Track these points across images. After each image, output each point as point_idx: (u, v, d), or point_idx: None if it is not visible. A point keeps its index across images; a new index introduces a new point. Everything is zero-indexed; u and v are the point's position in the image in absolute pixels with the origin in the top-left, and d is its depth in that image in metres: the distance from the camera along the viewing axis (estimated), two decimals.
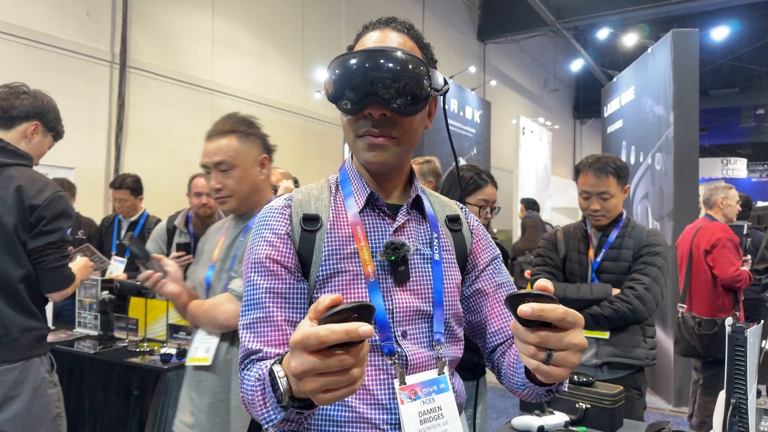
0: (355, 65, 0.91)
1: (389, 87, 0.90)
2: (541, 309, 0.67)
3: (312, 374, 0.64)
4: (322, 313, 0.65)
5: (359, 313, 0.65)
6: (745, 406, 1.32)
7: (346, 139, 1.02)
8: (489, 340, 1.09)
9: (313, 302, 0.95)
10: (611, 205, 2.28)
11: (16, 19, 4.85)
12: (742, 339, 1.31)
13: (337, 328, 0.62)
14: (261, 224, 1.01)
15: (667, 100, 4.82)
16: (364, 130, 0.96)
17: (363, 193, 1.02)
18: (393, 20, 1.02)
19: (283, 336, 0.93)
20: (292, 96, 7.92)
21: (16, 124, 2.06)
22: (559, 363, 0.71)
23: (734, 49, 13.94)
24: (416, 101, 0.93)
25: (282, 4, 7.74)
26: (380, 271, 0.97)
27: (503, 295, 1.10)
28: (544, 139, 11.46)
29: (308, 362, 0.63)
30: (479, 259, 1.12)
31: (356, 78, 0.91)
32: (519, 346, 0.74)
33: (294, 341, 0.64)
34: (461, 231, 1.12)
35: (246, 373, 0.91)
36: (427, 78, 0.94)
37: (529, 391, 0.95)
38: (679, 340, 3.69)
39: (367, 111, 0.93)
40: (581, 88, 18.49)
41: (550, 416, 1.77)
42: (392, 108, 0.92)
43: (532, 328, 0.70)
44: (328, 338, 0.62)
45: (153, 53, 6.08)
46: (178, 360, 2.76)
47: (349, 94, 0.92)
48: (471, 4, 12.44)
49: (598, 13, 10.58)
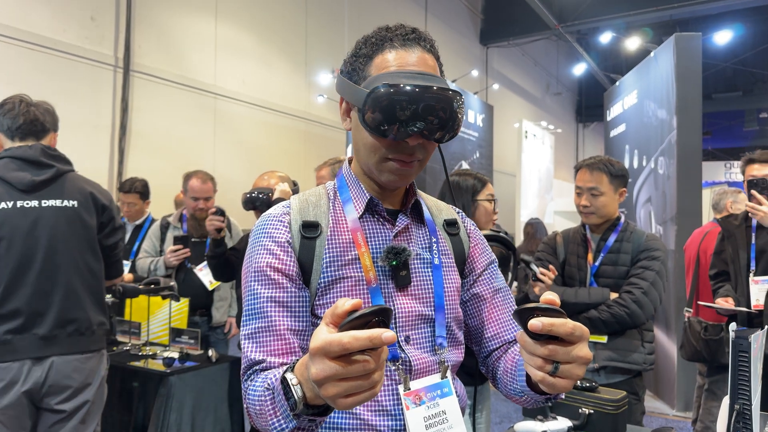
0: (407, 99, 0.88)
1: (437, 124, 0.91)
2: (552, 324, 0.69)
3: (333, 380, 0.64)
4: (340, 318, 0.65)
5: (378, 317, 0.65)
6: (749, 412, 1.31)
7: (365, 155, 0.98)
8: (485, 345, 1.10)
9: (315, 310, 0.95)
10: (600, 203, 2.29)
11: (20, 23, 4.87)
12: (746, 345, 1.30)
13: (360, 335, 0.62)
14: (260, 232, 0.99)
15: (670, 103, 4.81)
16: (395, 156, 0.94)
17: (362, 198, 1.01)
18: (419, 36, 0.97)
19: (287, 345, 0.93)
20: (294, 99, 7.93)
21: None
22: (564, 375, 0.73)
23: (737, 53, 13.91)
24: (454, 133, 0.95)
25: (284, 9, 7.76)
26: (381, 277, 0.97)
27: (500, 301, 1.11)
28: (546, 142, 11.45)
29: (330, 368, 0.63)
30: (477, 264, 1.12)
31: (406, 111, 0.89)
32: (526, 357, 0.75)
33: (315, 347, 0.64)
34: (459, 235, 1.12)
35: (250, 384, 0.90)
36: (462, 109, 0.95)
37: (527, 398, 0.96)
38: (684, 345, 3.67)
39: (407, 140, 0.92)
40: (584, 91, 18.47)
41: (553, 421, 1.77)
42: (433, 139, 0.93)
43: (540, 342, 0.72)
44: (351, 345, 0.62)
45: (156, 57, 6.10)
46: (180, 364, 2.76)
47: (391, 123, 0.90)
48: (473, 7, 12.45)
49: (600, 16, 10.57)
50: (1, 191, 1.98)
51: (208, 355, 2.89)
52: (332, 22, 8.57)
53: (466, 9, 12.23)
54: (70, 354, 2.03)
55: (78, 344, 2.06)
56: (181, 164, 6.27)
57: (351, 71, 0.98)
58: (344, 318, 0.65)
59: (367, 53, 0.97)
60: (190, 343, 3.02)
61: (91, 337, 2.10)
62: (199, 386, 2.74)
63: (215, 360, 2.86)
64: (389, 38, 0.96)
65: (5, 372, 1.94)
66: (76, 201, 2.09)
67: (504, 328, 1.09)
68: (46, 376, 1.99)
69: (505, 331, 1.09)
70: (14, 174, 2.00)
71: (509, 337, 1.09)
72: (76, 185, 2.12)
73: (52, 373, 1.99)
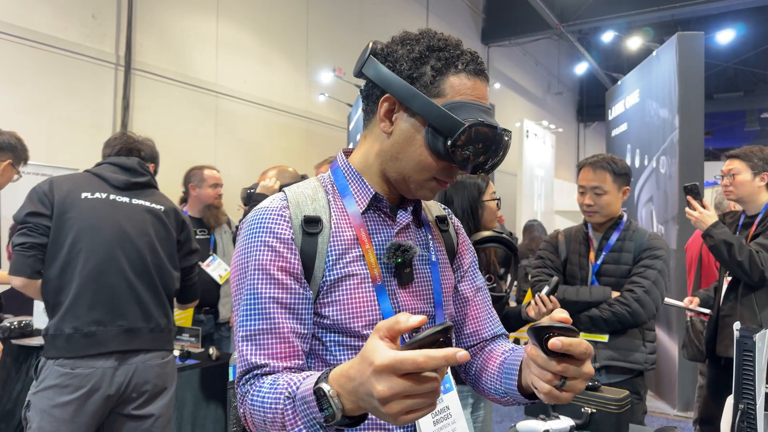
0: (497, 141, 0.93)
1: (498, 161, 0.96)
2: (570, 344, 0.74)
3: (400, 397, 0.64)
4: (399, 333, 0.66)
5: (446, 335, 0.65)
6: (754, 411, 1.31)
7: (410, 170, 0.96)
8: (463, 341, 1.13)
9: (318, 309, 0.94)
10: (604, 202, 2.28)
11: (22, 21, 4.86)
12: (750, 343, 1.29)
13: (435, 355, 0.62)
14: (258, 226, 0.94)
15: (672, 103, 4.80)
16: (443, 177, 0.96)
17: (365, 194, 0.99)
18: (483, 66, 0.98)
19: (291, 349, 0.90)
20: (296, 98, 7.92)
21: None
22: (569, 389, 0.78)
23: (739, 53, 13.89)
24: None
25: (286, 7, 7.75)
26: (384, 274, 0.97)
27: (480, 299, 1.15)
28: (547, 142, 11.44)
29: (399, 386, 0.63)
30: (464, 260, 1.15)
31: (492, 150, 0.93)
32: (536, 371, 0.79)
33: (383, 365, 0.63)
34: (449, 231, 1.14)
35: (250, 388, 0.87)
36: None
37: (510, 399, 0.99)
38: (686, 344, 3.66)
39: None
40: (585, 91, 18.46)
41: (555, 421, 1.76)
42: (484, 170, 0.96)
43: (555, 358, 0.76)
44: (426, 364, 0.62)
45: (158, 56, 6.10)
46: (181, 362, 2.76)
47: (474, 155, 0.92)
48: (475, 7, 12.45)
49: (602, 16, 10.56)
50: (98, 184, 2.09)
51: (208, 353, 2.88)
52: (334, 21, 8.56)
53: (468, 8, 12.22)
54: (152, 351, 2.04)
55: (158, 341, 2.07)
56: (183, 163, 6.25)
57: (414, 77, 0.92)
58: (403, 333, 0.66)
59: (438, 67, 0.92)
60: (191, 341, 3.02)
61: (168, 336, 2.13)
62: (199, 384, 2.74)
63: (216, 358, 2.86)
64: (459, 57, 0.94)
65: (88, 378, 1.90)
66: (163, 207, 2.19)
67: (482, 326, 1.13)
68: (130, 380, 1.98)
69: (483, 329, 1.13)
70: (111, 174, 2.13)
71: (486, 335, 1.13)
72: (164, 198, 2.25)
73: (135, 377, 1.99)
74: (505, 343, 1.11)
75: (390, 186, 1.00)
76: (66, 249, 1.95)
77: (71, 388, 1.88)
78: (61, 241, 1.95)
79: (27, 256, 1.91)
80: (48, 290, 1.95)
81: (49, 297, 1.95)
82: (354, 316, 0.93)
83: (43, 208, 1.96)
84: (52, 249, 1.95)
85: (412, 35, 0.96)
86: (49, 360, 1.91)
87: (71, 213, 1.98)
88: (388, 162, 0.97)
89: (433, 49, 0.93)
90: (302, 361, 0.92)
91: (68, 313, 1.91)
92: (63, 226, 1.96)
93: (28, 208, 1.97)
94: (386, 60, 0.95)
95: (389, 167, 0.97)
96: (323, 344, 0.94)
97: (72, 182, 2.06)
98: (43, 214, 1.96)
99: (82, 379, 1.89)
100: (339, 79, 8.39)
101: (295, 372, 0.89)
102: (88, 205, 2.01)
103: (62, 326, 1.91)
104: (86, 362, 1.90)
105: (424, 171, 0.94)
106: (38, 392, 1.90)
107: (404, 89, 0.92)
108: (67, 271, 1.94)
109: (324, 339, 0.94)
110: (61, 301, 1.93)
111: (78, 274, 1.94)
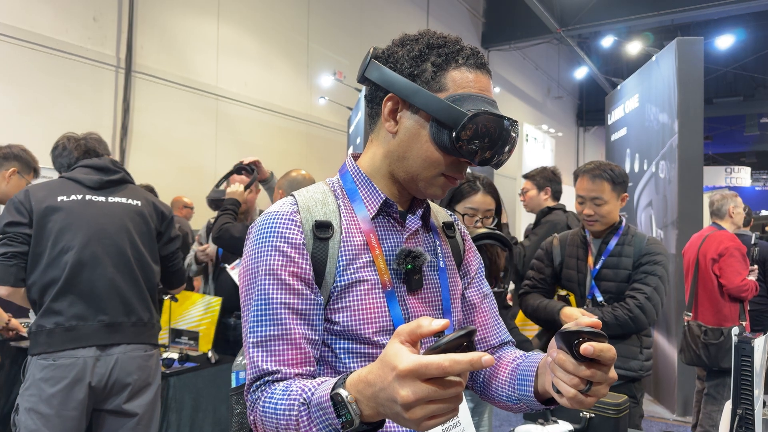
0: (505, 130, 0.92)
1: (506, 154, 0.95)
2: (601, 350, 0.73)
3: (424, 402, 0.63)
4: (420, 337, 0.65)
5: (469, 339, 0.64)
6: (752, 416, 1.31)
7: (418, 167, 0.95)
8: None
9: (328, 315, 0.93)
10: (605, 211, 2.27)
11: (23, 23, 4.87)
12: (749, 349, 1.30)
13: (460, 359, 0.61)
14: (269, 231, 0.93)
15: (672, 108, 4.81)
16: (452, 173, 0.95)
17: (375, 199, 0.99)
18: (484, 60, 0.97)
19: (303, 355, 0.89)
20: (296, 101, 7.93)
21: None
22: (593, 394, 0.77)
23: (738, 58, 13.92)
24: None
25: (287, 11, 7.76)
26: (394, 279, 0.96)
27: (487, 306, 1.14)
28: (547, 146, 11.46)
29: (423, 390, 0.62)
30: (471, 267, 1.14)
31: (501, 140, 0.92)
32: (562, 375, 0.78)
33: (407, 369, 0.62)
34: (455, 237, 1.13)
35: (261, 395, 0.87)
36: None
37: (523, 405, 0.98)
38: (684, 349, 3.67)
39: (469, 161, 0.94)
40: (585, 95, 18.48)
41: (554, 425, 1.76)
42: (492, 164, 0.95)
43: (585, 363, 0.76)
44: (452, 369, 0.61)
45: (158, 58, 6.11)
46: (180, 365, 2.76)
47: (480, 148, 0.90)
48: (475, 11, 12.47)
49: (602, 21, 10.58)
50: (73, 187, 2.13)
51: (207, 356, 2.88)
52: (334, 25, 8.58)
53: (468, 12, 12.24)
54: (133, 344, 2.07)
55: (141, 335, 2.10)
56: (182, 165, 6.28)
57: (415, 74, 0.93)
58: (425, 338, 0.65)
59: (438, 62, 0.93)
60: (190, 344, 3.02)
61: (151, 330, 2.16)
62: (198, 387, 2.74)
63: (215, 361, 2.85)
64: (459, 52, 0.94)
65: (70, 369, 1.94)
66: (140, 202, 2.23)
67: (490, 333, 1.12)
68: (111, 370, 2.01)
69: (491, 336, 1.12)
70: (85, 175, 2.16)
71: (494, 342, 1.12)
72: (140, 192, 2.29)
73: (116, 368, 2.02)
74: (513, 350, 1.10)
75: (399, 188, 1.00)
76: (47, 251, 2.01)
77: (54, 380, 1.93)
78: (42, 245, 2.01)
79: (9, 266, 1.97)
80: (33, 293, 2.01)
81: (35, 299, 2.01)
82: (364, 322, 0.92)
83: (20, 217, 2.01)
84: (35, 254, 2.01)
85: (411, 36, 0.97)
86: (33, 357, 1.97)
87: (50, 217, 2.03)
88: (395, 162, 0.97)
89: (433, 46, 0.94)
90: (314, 367, 0.91)
91: (50, 310, 1.97)
92: (43, 231, 2.02)
93: (6, 218, 2.02)
94: (387, 61, 0.96)
95: (397, 168, 0.97)
96: (333, 351, 0.94)
97: (47, 189, 2.10)
98: (21, 222, 2.01)
99: (65, 369, 1.94)
100: (339, 83, 8.40)
101: (307, 378, 0.88)
102: (66, 208, 2.06)
103: (44, 323, 1.97)
104: (67, 353, 1.95)
105: (431, 167, 0.94)
106: (24, 391, 1.95)
107: (406, 87, 0.92)
108: (49, 272, 2.00)
109: (333, 346, 0.93)
110: (45, 301, 1.99)
111: (59, 272, 1.99)
